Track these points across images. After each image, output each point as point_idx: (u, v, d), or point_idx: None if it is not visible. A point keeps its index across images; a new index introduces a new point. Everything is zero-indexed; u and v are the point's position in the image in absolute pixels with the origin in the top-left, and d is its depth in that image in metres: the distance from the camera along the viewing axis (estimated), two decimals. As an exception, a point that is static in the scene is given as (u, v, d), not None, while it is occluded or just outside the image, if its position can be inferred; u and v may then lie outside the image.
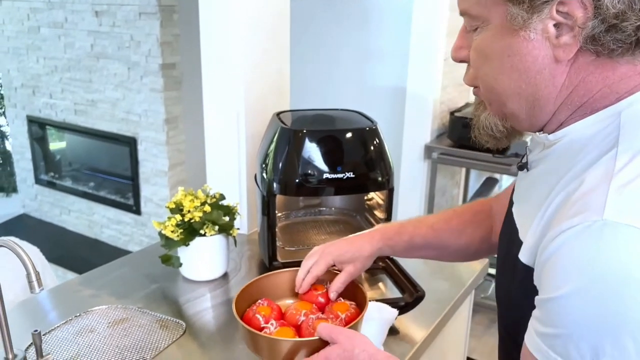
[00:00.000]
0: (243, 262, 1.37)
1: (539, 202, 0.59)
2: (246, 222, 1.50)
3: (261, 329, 0.87)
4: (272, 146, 1.19)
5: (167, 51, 2.85)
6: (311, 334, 0.85)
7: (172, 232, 1.16)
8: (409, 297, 1.09)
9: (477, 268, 1.35)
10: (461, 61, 0.66)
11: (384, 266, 1.23)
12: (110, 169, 3.38)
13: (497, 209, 0.91)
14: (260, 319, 0.89)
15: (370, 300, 0.91)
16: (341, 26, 3.18)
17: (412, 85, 2.75)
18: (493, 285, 2.93)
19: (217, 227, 1.19)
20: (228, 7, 1.36)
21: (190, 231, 1.17)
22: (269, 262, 1.24)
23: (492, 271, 3.24)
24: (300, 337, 0.87)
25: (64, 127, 3.43)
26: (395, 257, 1.23)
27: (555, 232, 0.52)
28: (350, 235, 0.99)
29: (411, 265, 1.22)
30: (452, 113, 2.73)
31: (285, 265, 1.22)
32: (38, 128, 3.59)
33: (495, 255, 0.80)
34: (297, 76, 1.63)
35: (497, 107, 0.65)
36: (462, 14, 0.64)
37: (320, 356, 0.77)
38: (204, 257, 1.23)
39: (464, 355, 1.49)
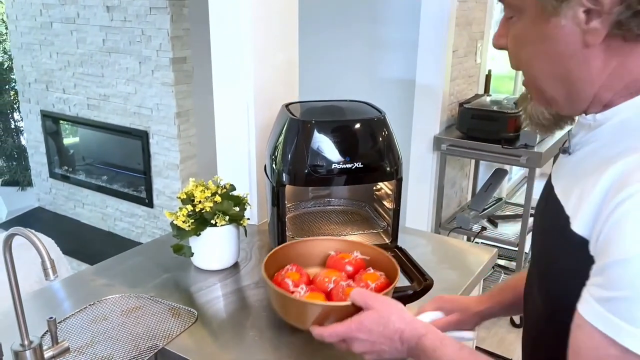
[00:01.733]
0: (253, 252, 1.39)
1: (591, 177, 0.60)
2: (256, 213, 1.52)
3: (291, 293, 0.87)
4: (282, 137, 1.20)
5: (178, 45, 2.87)
6: (342, 300, 0.85)
7: (183, 222, 1.17)
8: (418, 285, 1.09)
9: (485, 258, 1.35)
10: (501, 48, 0.69)
11: (394, 255, 1.24)
12: (122, 162, 3.41)
13: None
14: (290, 283, 0.90)
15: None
16: (350, 17, 3.17)
17: (421, 77, 2.75)
18: (503, 275, 2.93)
19: (227, 218, 1.20)
20: (237, 0, 1.37)
21: (202, 221, 1.19)
22: (278, 252, 1.25)
23: (501, 262, 3.23)
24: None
25: (77, 122, 3.47)
26: (403, 247, 1.24)
27: (622, 197, 0.53)
28: None
29: (420, 255, 1.23)
30: (461, 104, 2.73)
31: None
32: (52, 123, 3.63)
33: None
34: (306, 67, 1.63)
35: (538, 94, 0.67)
36: (502, 2, 0.66)
37: (354, 321, 0.76)
38: (215, 247, 1.24)
39: (473, 345, 1.50)
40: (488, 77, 3.16)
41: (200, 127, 3.10)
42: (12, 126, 4.81)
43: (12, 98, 4.68)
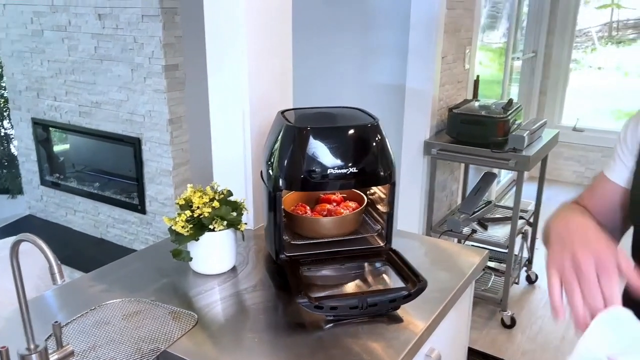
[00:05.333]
0: (250, 256, 1.41)
1: None
2: (252, 218, 1.54)
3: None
4: (278, 143, 1.23)
5: (170, 52, 2.89)
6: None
7: (182, 227, 1.20)
8: (412, 286, 1.13)
9: (476, 260, 1.39)
10: None
11: (388, 257, 1.27)
12: (114, 169, 3.42)
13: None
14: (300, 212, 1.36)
15: None
16: (341, 24, 3.22)
17: (411, 83, 2.79)
18: (493, 277, 2.97)
19: (225, 223, 1.23)
20: (232, 7, 1.40)
21: (200, 226, 1.22)
22: (275, 256, 1.28)
23: (492, 264, 3.27)
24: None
25: (68, 129, 3.48)
26: (397, 250, 1.27)
27: None
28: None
29: (413, 257, 1.27)
30: (450, 109, 2.77)
31: (292, 259, 1.26)
32: (43, 130, 3.63)
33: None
34: (300, 74, 1.67)
35: None
36: None
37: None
38: (213, 252, 1.27)
39: (465, 345, 1.54)
40: (476, 83, 3.22)
41: (192, 133, 3.12)
42: (2, 134, 4.79)
43: (1, 106, 4.67)
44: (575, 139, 4.72)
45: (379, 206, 1.38)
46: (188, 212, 1.21)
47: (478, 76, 3.26)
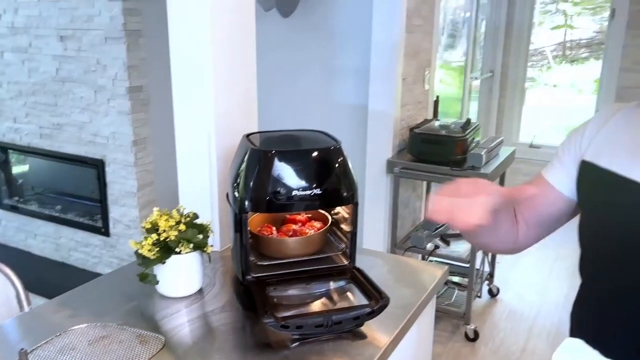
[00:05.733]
0: (217, 277, 1.43)
1: None
2: (218, 239, 1.56)
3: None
4: (243, 166, 1.26)
5: (135, 74, 2.89)
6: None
7: (149, 251, 1.21)
8: (375, 303, 1.17)
9: (437, 274, 1.44)
10: None
11: (352, 276, 1.31)
12: (77, 191, 3.37)
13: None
14: (266, 233, 1.39)
15: None
16: (303, 45, 3.29)
17: (373, 104, 2.87)
18: (457, 292, 3.05)
19: (192, 245, 1.25)
20: (197, 31, 1.43)
21: (166, 249, 1.23)
22: (242, 277, 1.30)
23: (455, 279, 3.34)
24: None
25: (28, 151, 3.41)
26: (361, 268, 1.31)
27: None
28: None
29: (377, 274, 1.31)
30: (411, 129, 2.86)
31: (259, 279, 1.28)
32: (1, 152, 3.55)
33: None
34: (262, 94, 1.71)
35: None
36: None
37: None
38: (180, 274, 1.28)
39: (429, 359, 1.58)
40: (436, 103, 3.33)
41: (157, 154, 3.11)
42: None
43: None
44: (532, 156, 4.90)
45: (343, 225, 1.42)
46: (155, 236, 1.22)
47: (438, 96, 3.37)
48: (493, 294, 3.31)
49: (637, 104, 0.95)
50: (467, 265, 2.80)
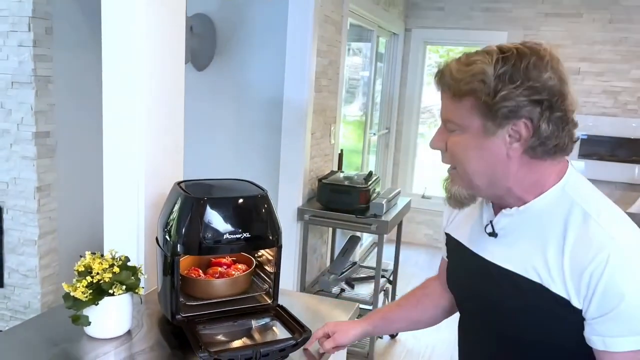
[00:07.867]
0: (144, 319, 1.48)
1: (535, 252, 0.93)
2: (144, 282, 1.61)
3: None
4: (175, 212, 1.35)
5: (42, 120, 2.85)
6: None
7: (82, 293, 1.25)
8: (299, 336, 1.30)
9: (350, 311, 1.61)
10: (437, 149, 1.00)
11: (276, 313, 1.43)
12: (-32, 240, 3.15)
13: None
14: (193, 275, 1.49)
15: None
16: (218, 100, 3.42)
17: (285, 155, 3.06)
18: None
19: (124, 287, 1.30)
20: (131, 84, 1.52)
21: (99, 291, 1.28)
22: (171, 317, 1.37)
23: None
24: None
25: None
26: (284, 305, 1.44)
27: (599, 270, 0.85)
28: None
29: (297, 312, 1.44)
30: (320, 180, 3.07)
31: (188, 319, 1.36)
32: None
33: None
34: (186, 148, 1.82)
35: (467, 182, 0.97)
36: (445, 121, 0.97)
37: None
38: (112, 315, 1.32)
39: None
40: (340, 156, 3.59)
41: (62, 201, 3.03)
42: None
43: None
44: (424, 205, 5.33)
45: (266, 267, 1.55)
46: (89, 278, 1.27)
47: (342, 150, 3.64)
48: (393, 335, 3.52)
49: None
50: (370, 307, 3.00)
